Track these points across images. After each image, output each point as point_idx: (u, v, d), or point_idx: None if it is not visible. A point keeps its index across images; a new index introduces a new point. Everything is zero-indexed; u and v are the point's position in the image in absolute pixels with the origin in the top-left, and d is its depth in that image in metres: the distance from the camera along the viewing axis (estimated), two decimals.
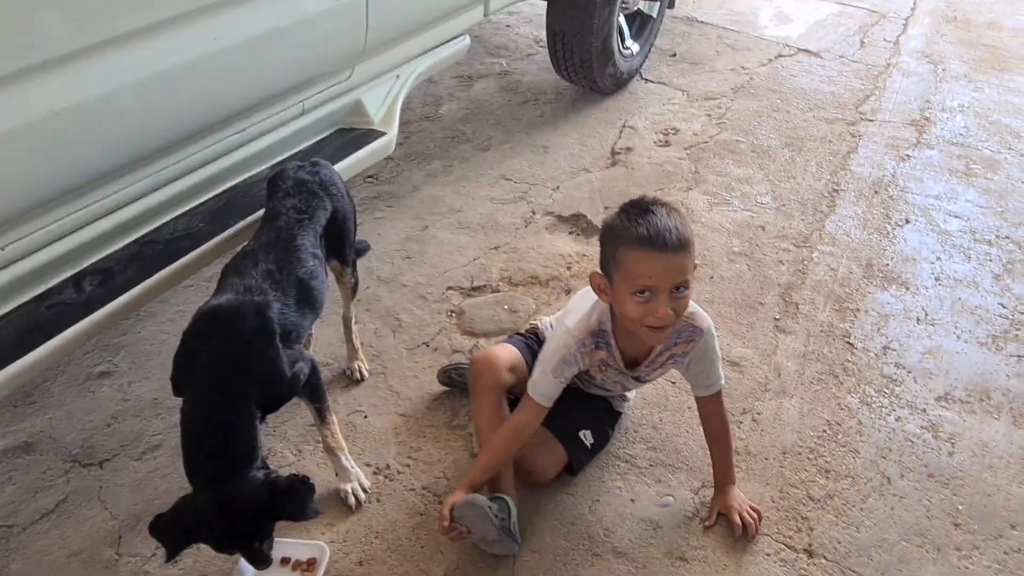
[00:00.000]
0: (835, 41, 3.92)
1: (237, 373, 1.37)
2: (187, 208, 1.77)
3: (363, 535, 1.60)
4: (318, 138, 2.10)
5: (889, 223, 2.56)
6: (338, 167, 2.00)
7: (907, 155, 2.95)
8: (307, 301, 1.53)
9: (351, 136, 2.14)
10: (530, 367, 1.61)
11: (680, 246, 1.34)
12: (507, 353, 1.64)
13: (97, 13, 1.32)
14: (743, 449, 1.76)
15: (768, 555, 1.55)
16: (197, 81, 1.56)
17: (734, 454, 1.66)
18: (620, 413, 1.79)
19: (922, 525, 1.61)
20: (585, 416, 1.69)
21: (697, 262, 1.44)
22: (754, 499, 1.64)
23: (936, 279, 2.32)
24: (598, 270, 1.47)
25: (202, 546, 1.37)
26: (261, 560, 1.39)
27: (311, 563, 1.52)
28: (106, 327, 1.58)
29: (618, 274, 1.38)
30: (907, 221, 2.57)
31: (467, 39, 2.58)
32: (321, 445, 1.70)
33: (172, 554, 1.32)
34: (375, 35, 1.97)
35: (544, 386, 1.52)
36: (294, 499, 1.36)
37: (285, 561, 1.53)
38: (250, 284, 1.44)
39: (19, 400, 1.95)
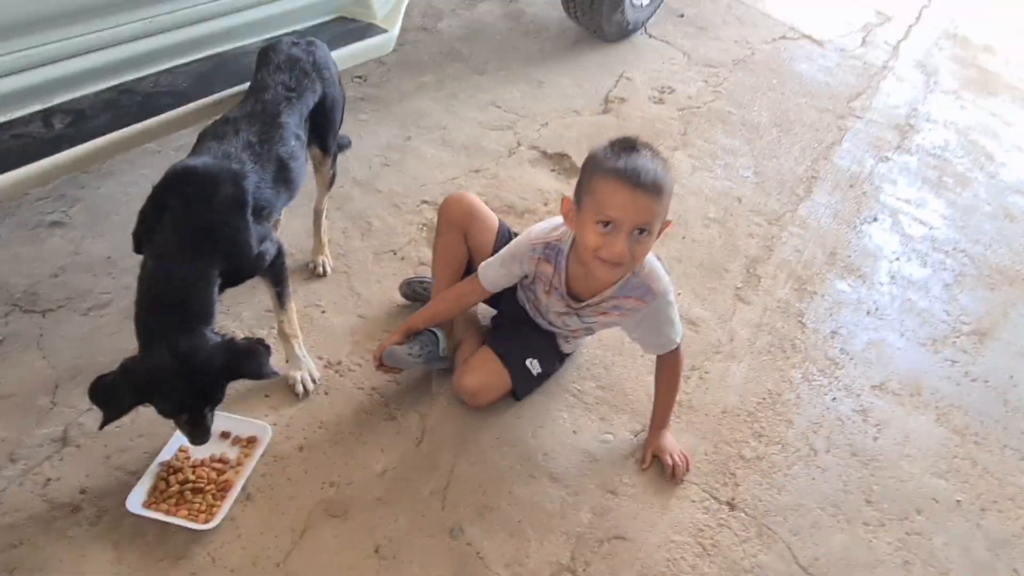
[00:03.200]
0: (840, 34, 3.93)
1: (204, 236, 1.33)
2: (172, 65, 1.68)
3: (307, 423, 1.61)
4: (317, 21, 2.02)
5: (858, 217, 2.63)
6: (335, 55, 1.93)
7: (887, 156, 3.01)
8: (283, 180, 1.49)
9: (351, 27, 2.06)
10: (498, 240, 1.68)
11: (652, 189, 1.34)
12: (479, 202, 1.73)
13: None
14: (686, 403, 1.82)
15: (694, 502, 1.62)
16: None
17: (676, 404, 1.72)
18: (567, 354, 1.80)
19: (838, 497, 1.70)
20: (534, 346, 1.71)
21: (671, 219, 1.45)
22: (688, 449, 1.70)
23: (892, 277, 2.40)
24: (571, 197, 1.47)
25: (140, 411, 1.34)
26: (202, 433, 1.38)
27: (251, 440, 1.52)
28: (70, 171, 1.51)
29: (588, 199, 1.39)
30: (875, 219, 2.64)
31: None
32: (276, 331, 1.68)
33: (113, 417, 1.29)
34: None
35: (491, 272, 1.61)
36: (253, 357, 1.36)
37: (225, 435, 1.53)
38: (229, 151, 1.40)
39: None
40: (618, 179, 1.33)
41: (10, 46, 1.33)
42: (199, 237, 1.34)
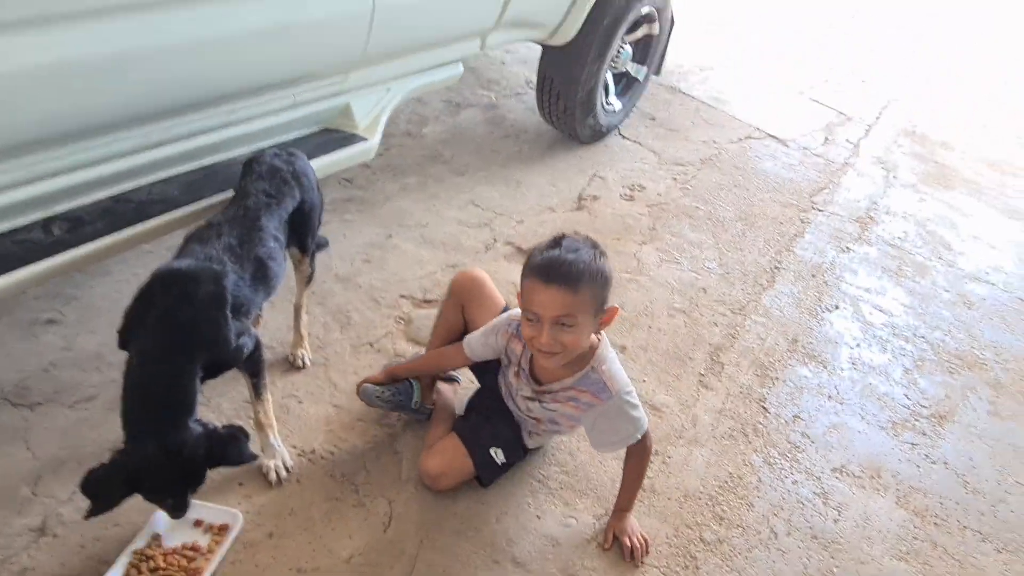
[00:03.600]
0: (802, 133, 4.18)
1: (186, 332, 1.44)
2: (165, 175, 1.84)
3: (278, 511, 1.66)
4: (303, 132, 2.20)
5: (820, 305, 2.75)
6: (317, 163, 2.10)
7: (847, 247, 3.17)
8: (262, 279, 1.61)
9: (334, 136, 2.24)
10: None
11: (566, 282, 1.43)
12: (489, 283, 1.87)
13: None
14: (649, 486, 1.88)
15: None
16: (197, 58, 1.66)
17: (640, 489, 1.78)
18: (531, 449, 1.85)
19: None
20: (500, 436, 1.77)
21: (617, 306, 1.55)
22: (649, 532, 1.75)
23: (852, 363, 2.50)
24: None
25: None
26: (181, 507, 1.45)
27: (223, 528, 1.58)
28: (66, 271, 1.64)
29: (519, 296, 1.53)
30: (836, 307, 2.76)
31: (460, 66, 2.72)
32: (252, 421, 1.76)
33: (103, 509, 1.36)
34: (374, 48, 2.10)
35: (474, 341, 1.76)
36: (233, 444, 1.44)
37: (198, 523, 1.58)
38: (211, 254, 1.52)
39: None
40: (535, 276, 1.46)
41: (15, 164, 1.48)
42: (181, 334, 1.45)
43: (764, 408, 2.22)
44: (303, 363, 2.06)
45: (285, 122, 2.08)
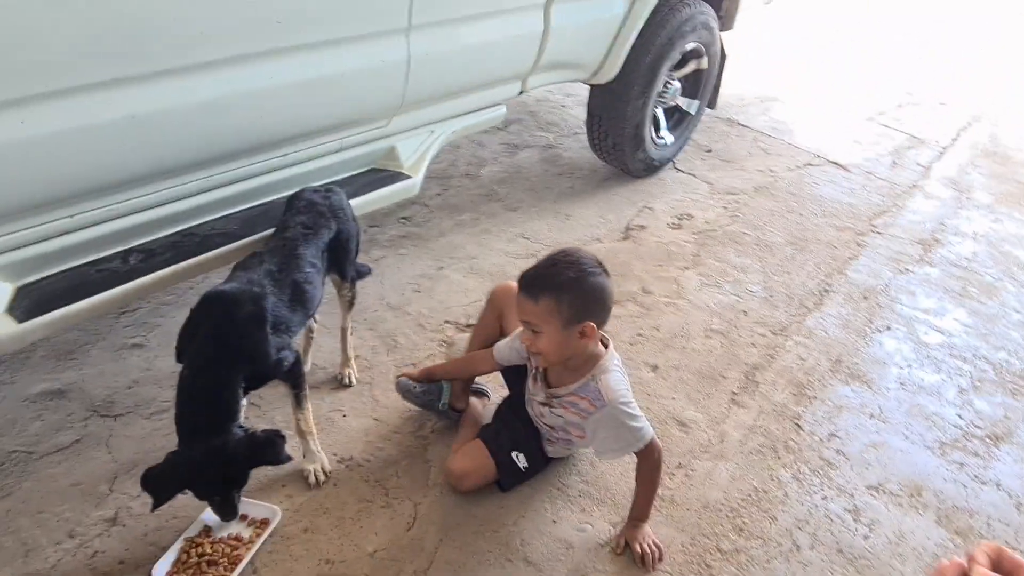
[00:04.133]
0: (867, 158, 4.12)
1: (229, 348, 1.64)
2: (226, 213, 2.10)
3: (314, 509, 1.82)
4: (352, 173, 2.43)
5: (870, 327, 2.70)
6: (364, 199, 2.33)
7: (907, 269, 3.09)
8: (299, 301, 1.81)
9: (381, 175, 2.46)
10: None
11: (528, 292, 1.60)
12: None
13: (189, 39, 1.68)
14: (668, 497, 1.92)
15: None
16: (255, 108, 1.91)
17: (657, 498, 1.83)
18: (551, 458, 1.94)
19: None
20: (522, 442, 1.88)
21: (593, 324, 1.63)
22: (665, 540, 1.79)
23: (901, 383, 2.43)
24: None
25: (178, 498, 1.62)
26: (230, 510, 1.63)
27: (264, 522, 1.75)
28: (140, 296, 1.91)
29: None
30: (888, 328, 2.70)
31: (503, 108, 2.91)
32: (295, 429, 1.94)
33: (162, 502, 1.57)
34: (412, 95, 2.32)
35: (503, 346, 1.90)
36: (271, 447, 1.62)
37: (243, 517, 1.76)
38: (252, 278, 1.73)
39: (62, 355, 2.28)
40: (518, 283, 1.65)
41: (98, 203, 1.76)
42: (225, 349, 1.65)
43: (798, 426, 2.21)
44: (350, 381, 2.24)
45: (334, 163, 2.32)
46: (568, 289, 1.60)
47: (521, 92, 2.89)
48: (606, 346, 1.78)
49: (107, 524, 1.78)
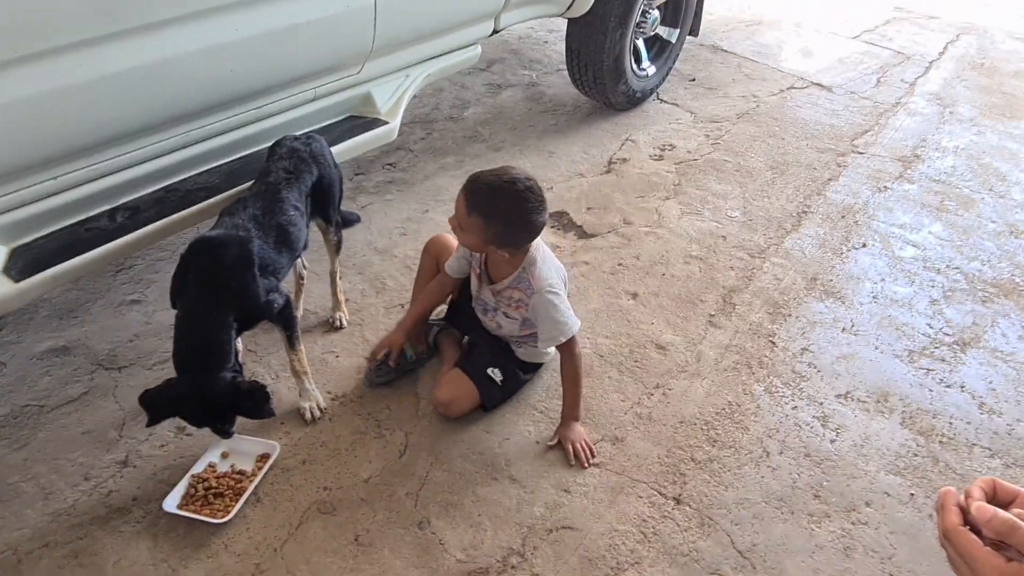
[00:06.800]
0: (851, 78, 4.09)
1: (219, 290, 1.73)
2: (207, 167, 2.15)
3: (311, 443, 1.94)
4: (330, 121, 2.47)
5: (846, 245, 2.76)
6: (344, 146, 2.38)
7: (885, 187, 3.13)
8: (284, 242, 1.88)
9: (358, 122, 2.50)
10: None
11: (466, 198, 1.76)
12: (452, 240, 2.11)
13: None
14: (646, 415, 2.03)
15: (641, 497, 1.81)
16: (223, 61, 1.95)
17: (636, 416, 1.94)
18: (523, 362, 2.06)
19: (785, 493, 1.84)
20: (492, 356, 2.01)
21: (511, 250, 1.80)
22: (641, 455, 1.90)
23: (873, 297, 2.51)
24: None
25: (182, 439, 1.73)
26: (224, 433, 1.75)
27: (264, 457, 1.87)
28: (130, 252, 1.98)
29: None
30: (864, 245, 2.76)
31: (479, 48, 2.92)
32: (290, 370, 2.05)
33: (154, 421, 1.70)
34: (381, 40, 2.34)
35: (453, 261, 2.05)
36: (252, 400, 1.72)
37: (243, 453, 1.88)
38: (237, 223, 1.81)
39: (64, 314, 2.38)
40: None
41: (82, 163, 1.82)
42: (215, 293, 1.73)
43: (772, 343, 2.29)
44: (341, 324, 2.34)
45: (311, 113, 2.36)
46: (500, 221, 1.75)
47: (495, 31, 2.90)
48: None
49: (119, 466, 1.90)
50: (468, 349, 2.13)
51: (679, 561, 1.67)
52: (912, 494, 1.84)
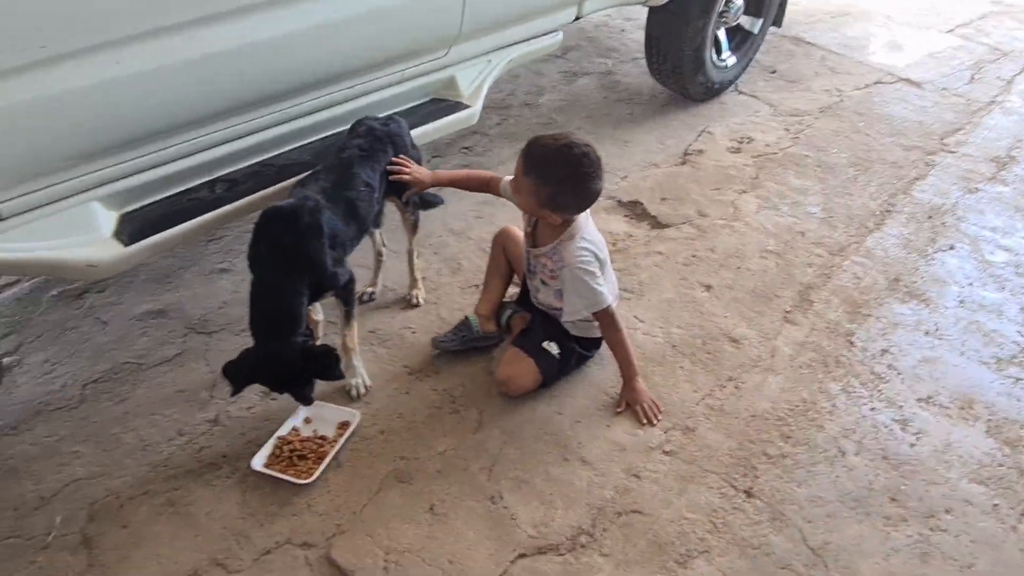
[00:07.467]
0: (943, 74, 3.94)
1: (290, 257, 1.79)
2: (300, 144, 2.24)
3: (389, 414, 2.01)
4: (413, 103, 2.52)
5: (932, 246, 2.68)
6: (425, 128, 2.43)
7: (976, 188, 3.01)
8: (352, 216, 1.93)
9: (441, 105, 2.55)
10: None
11: (524, 161, 1.85)
12: (518, 231, 2.18)
13: None
14: (718, 407, 2.02)
15: (711, 488, 1.81)
16: (321, 42, 2.02)
17: (707, 408, 1.95)
18: (578, 337, 2.07)
19: (860, 494, 1.81)
20: (549, 332, 2.05)
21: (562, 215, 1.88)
22: (712, 446, 1.90)
23: (960, 302, 2.43)
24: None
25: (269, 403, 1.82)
26: (304, 399, 1.83)
27: (344, 424, 1.95)
28: (227, 221, 2.08)
29: None
30: (951, 247, 2.67)
31: (560, 35, 2.93)
32: (340, 345, 2.09)
33: (237, 390, 1.78)
34: (469, 24, 2.37)
35: (506, 180, 2.08)
36: (323, 363, 1.79)
37: (325, 419, 1.96)
38: (308, 194, 1.87)
39: (161, 278, 2.52)
40: None
41: (189, 136, 1.92)
42: (286, 259, 1.79)
43: (850, 342, 2.25)
44: (418, 301, 2.40)
45: (397, 94, 2.42)
46: (554, 183, 1.80)
47: (577, 18, 2.90)
48: None
49: (210, 424, 2.01)
50: (526, 327, 2.17)
51: (749, 553, 1.67)
52: (996, 504, 1.79)
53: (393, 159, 2.09)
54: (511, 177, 2.06)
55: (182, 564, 1.66)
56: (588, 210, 1.97)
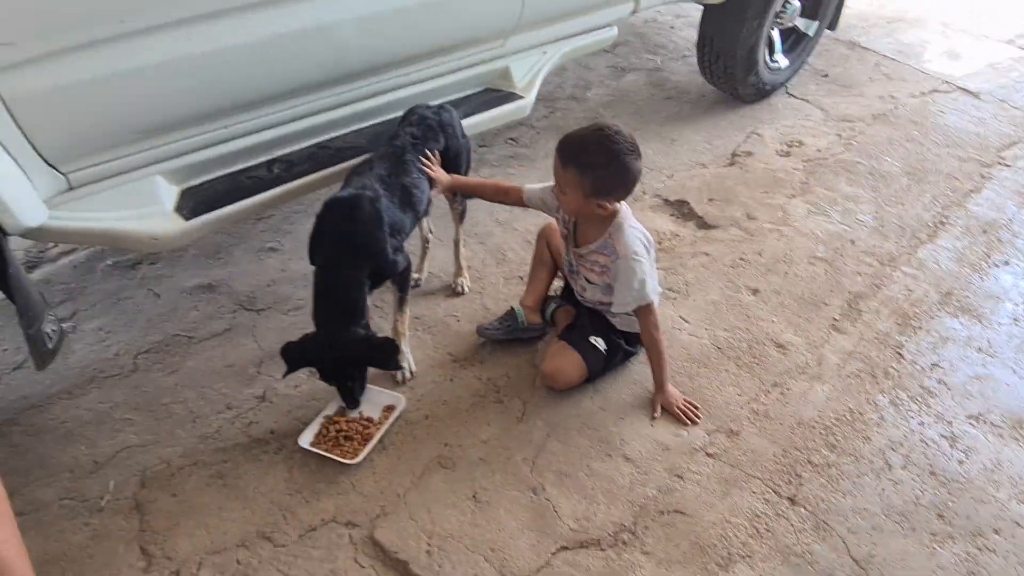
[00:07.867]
0: (1002, 85, 3.84)
1: (353, 247, 1.81)
2: (356, 128, 2.25)
3: (434, 400, 2.03)
4: (468, 92, 2.53)
5: (987, 261, 2.62)
6: (479, 117, 2.43)
7: None
8: (408, 203, 1.95)
9: (495, 95, 2.55)
10: None
11: (561, 156, 1.80)
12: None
13: None
14: (762, 412, 2.01)
15: (755, 492, 1.80)
16: (381, 28, 2.03)
17: (752, 413, 1.94)
18: (623, 332, 2.07)
19: (907, 508, 1.79)
20: (596, 327, 2.05)
21: (613, 206, 1.85)
22: (757, 452, 1.89)
23: (1015, 319, 2.38)
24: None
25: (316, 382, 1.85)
26: (351, 400, 1.85)
27: (390, 408, 1.97)
28: (282, 202, 2.10)
29: None
30: (1007, 263, 2.62)
31: (615, 29, 2.91)
32: (391, 330, 2.11)
33: (291, 370, 1.81)
34: (528, 15, 2.37)
35: (535, 190, 2.07)
36: (383, 352, 1.81)
37: (372, 402, 1.98)
38: (365, 183, 1.88)
39: (211, 254, 2.56)
40: None
41: (249, 116, 1.95)
42: (349, 250, 1.82)
43: (900, 354, 2.22)
44: (463, 290, 2.41)
45: (452, 82, 2.42)
46: (594, 168, 1.77)
47: (634, 12, 2.88)
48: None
49: (258, 400, 2.04)
50: (572, 322, 2.17)
51: (792, 561, 1.66)
52: None
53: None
54: (539, 185, 2.06)
55: (230, 535, 1.69)
56: (628, 206, 1.95)
